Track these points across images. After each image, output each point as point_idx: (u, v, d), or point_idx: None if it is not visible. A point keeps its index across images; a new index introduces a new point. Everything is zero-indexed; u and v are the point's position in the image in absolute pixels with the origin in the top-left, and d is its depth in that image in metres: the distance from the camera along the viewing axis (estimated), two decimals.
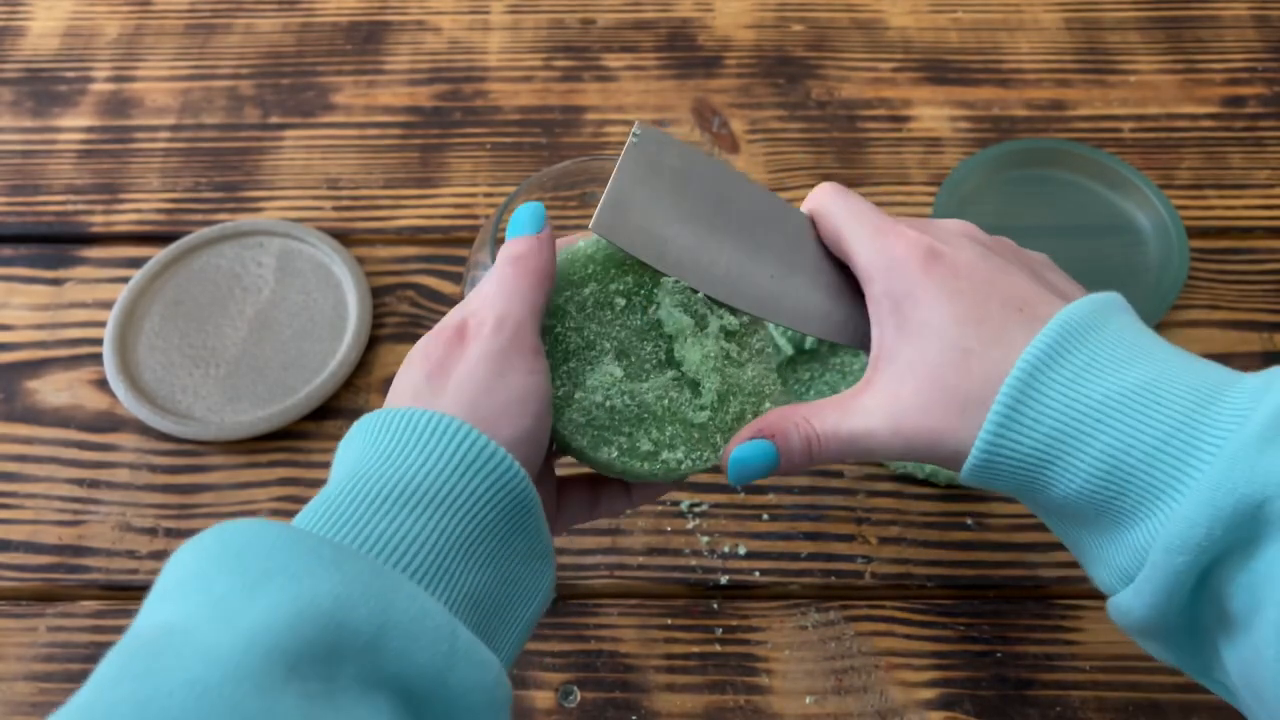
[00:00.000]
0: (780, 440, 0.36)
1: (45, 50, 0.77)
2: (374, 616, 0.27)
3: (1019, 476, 0.34)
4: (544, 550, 0.34)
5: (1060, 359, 0.33)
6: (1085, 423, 0.32)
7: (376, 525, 0.31)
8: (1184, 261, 0.61)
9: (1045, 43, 0.75)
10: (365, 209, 0.68)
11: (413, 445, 0.32)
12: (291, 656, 0.25)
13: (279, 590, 0.27)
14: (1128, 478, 0.32)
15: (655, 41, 0.76)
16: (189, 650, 0.25)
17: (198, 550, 0.29)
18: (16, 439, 0.59)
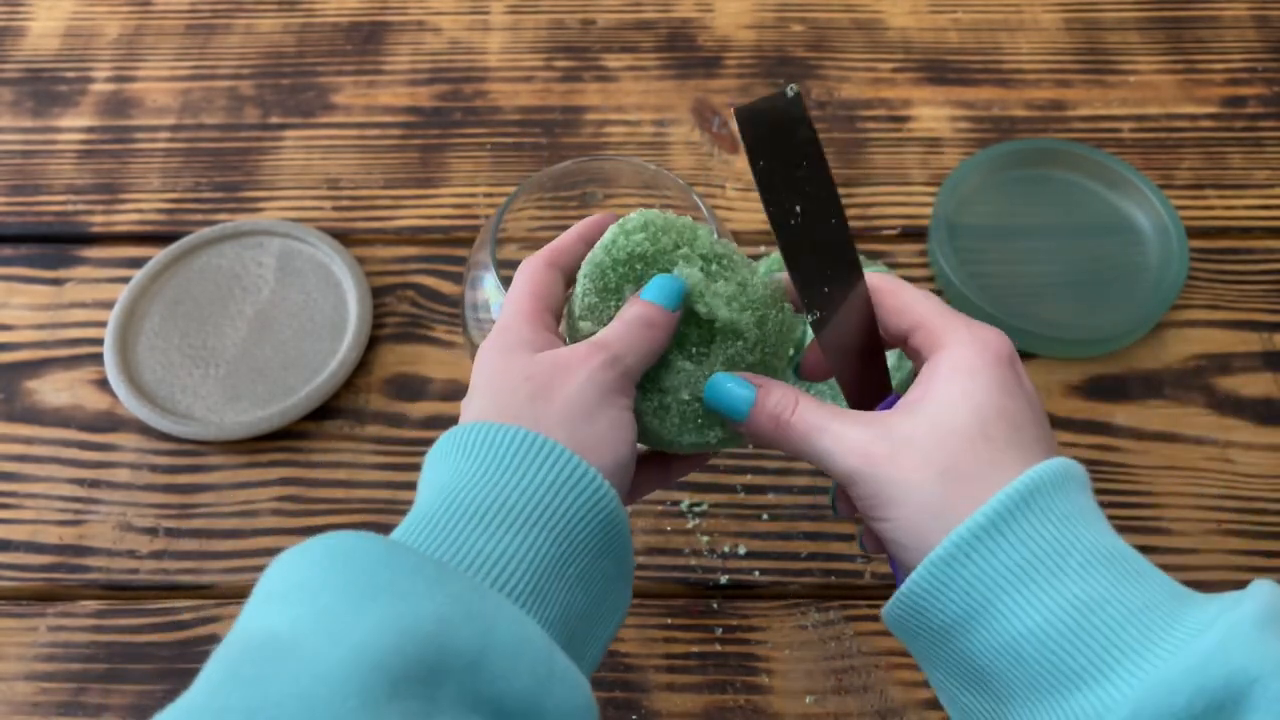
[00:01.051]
0: (762, 394, 0.37)
1: (46, 50, 0.77)
2: (476, 638, 0.28)
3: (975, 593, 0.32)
4: (628, 572, 0.35)
5: (1064, 492, 0.33)
6: (1068, 562, 0.31)
7: (475, 542, 0.31)
8: (1184, 261, 0.61)
9: (1045, 43, 0.75)
10: (365, 209, 0.68)
11: (511, 462, 0.33)
12: (395, 674, 0.26)
13: (385, 608, 0.27)
14: (1096, 630, 0.30)
15: (655, 42, 0.76)
16: (296, 661, 0.25)
17: (304, 558, 0.29)
18: (17, 439, 0.59)
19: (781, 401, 0.36)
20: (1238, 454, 0.57)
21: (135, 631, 0.52)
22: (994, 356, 0.36)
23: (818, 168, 0.39)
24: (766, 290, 0.39)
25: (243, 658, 0.26)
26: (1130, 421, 0.58)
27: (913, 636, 0.35)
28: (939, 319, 0.37)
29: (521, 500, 0.32)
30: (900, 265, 0.64)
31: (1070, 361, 0.60)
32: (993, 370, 0.35)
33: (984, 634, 0.32)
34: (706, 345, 0.39)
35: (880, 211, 0.67)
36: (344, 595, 0.27)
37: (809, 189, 0.39)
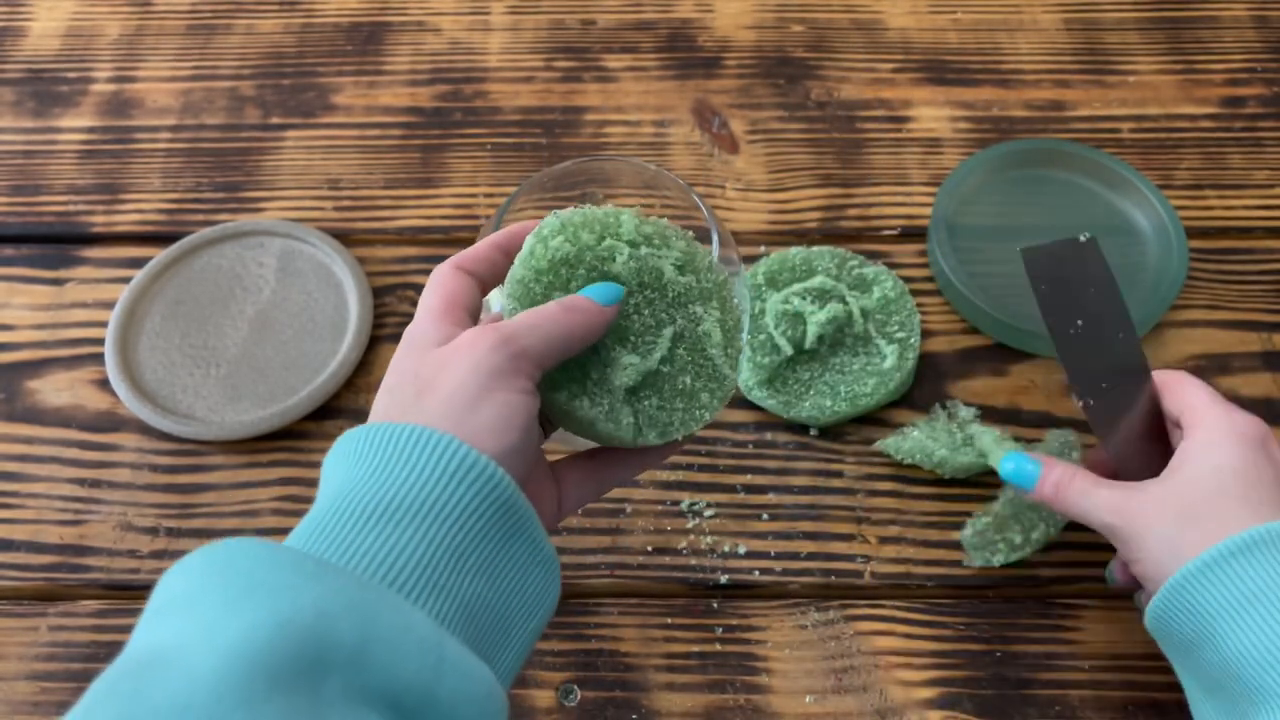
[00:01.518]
0: (1045, 470, 0.46)
1: (46, 50, 0.77)
2: (357, 629, 0.27)
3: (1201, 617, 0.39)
4: (544, 558, 0.34)
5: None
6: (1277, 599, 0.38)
7: (363, 541, 0.31)
8: (1183, 261, 0.61)
9: (1045, 43, 0.75)
10: (366, 209, 0.68)
11: (397, 460, 0.32)
12: (274, 671, 0.25)
13: (259, 605, 0.27)
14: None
15: (655, 42, 0.76)
16: (173, 669, 0.25)
17: (185, 571, 0.29)
18: (18, 439, 0.59)
19: (1063, 475, 0.45)
20: None
21: None
22: (1241, 435, 0.43)
23: (1107, 293, 0.49)
24: (709, 259, 0.40)
25: (121, 673, 0.26)
26: None
27: (1165, 645, 0.43)
28: (1205, 406, 0.44)
29: (410, 495, 0.31)
30: (900, 265, 0.64)
31: None
32: (1238, 445, 0.42)
33: (1210, 653, 0.39)
34: (654, 335, 0.38)
35: (880, 211, 0.67)
36: (221, 599, 0.27)
37: (1093, 309, 0.48)
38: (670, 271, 0.39)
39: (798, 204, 0.67)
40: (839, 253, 0.61)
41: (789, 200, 0.67)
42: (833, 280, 0.60)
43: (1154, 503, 0.42)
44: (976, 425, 0.55)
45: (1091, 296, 0.48)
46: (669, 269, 0.39)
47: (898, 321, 0.59)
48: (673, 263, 0.39)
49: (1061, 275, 0.48)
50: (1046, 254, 0.49)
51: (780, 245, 0.65)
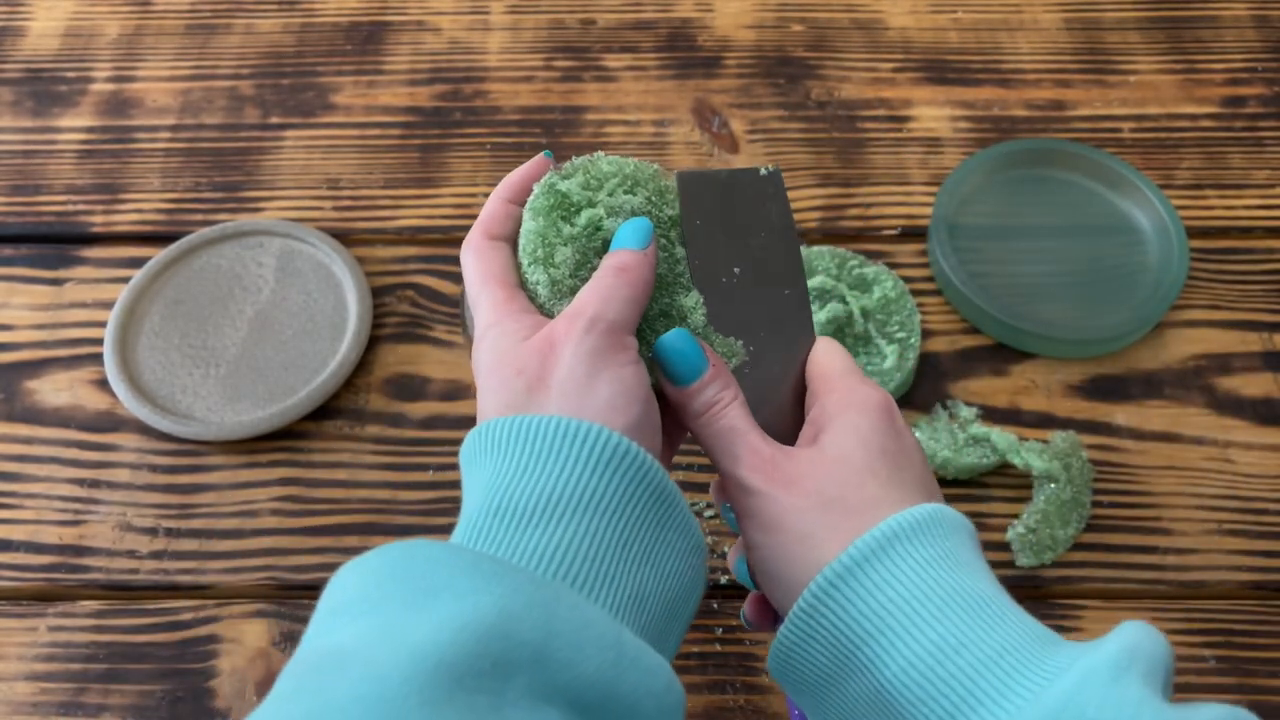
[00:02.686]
0: (713, 373, 0.37)
1: (45, 50, 0.77)
2: (539, 628, 0.27)
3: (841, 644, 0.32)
4: (696, 543, 0.34)
5: (936, 535, 0.33)
6: (930, 604, 0.32)
7: (529, 539, 0.30)
8: (1184, 261, 0.61)
9: (1045, 43, 0.75)
10: (365, 209, 0.68)
11: (545, 452, 0.32)
12: (458, 670, 0.25)
13: (444, 606, 0.27)
14: (950, 678, 0.30)
15: (655, 41, 0.76)
16: (357, 668, 0.25)
17: (363, 571, 0.29)
18: (17, 439, 0.59)
19: (724, 392, 0.37)
20: (1238, 454, 0.57)
21: (135, 631, 0.52)
22: (878, 406, 0.37)
23: (781, 240, 0.40)
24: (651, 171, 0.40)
25: (306, 670, 0.26)
26: (1130, 421, 0.58)
27: (797, 692, 0.36)
28: (839, 374, 0.38)
29: (566, 488, 0.31)
30: (900, 265, 0.64)
31: (1070, 361, 0.60)
32: (875, 416, 0.36)
33: (854, 684, 0.33)
34: (672, 264, 0.39)
35: (880, 211, 0.67)
36: (403, 600, 0.27)
37: (759, 255, 0.40)
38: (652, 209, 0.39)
39: (798, 204, 0.67)
40: (839, 252, 0.61)
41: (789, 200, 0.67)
42: (833, 280, 0.59)
43: (804, 480, 0.35)
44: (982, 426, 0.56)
45: (760, 241, 0.40)
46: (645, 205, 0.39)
47: (898, 321, 0.59)
48: (646, 199, 0.39)
49: (726, 211, 0.40)
50: (711, 182, 0.39)
51: None
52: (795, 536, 0.34)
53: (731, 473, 0.36)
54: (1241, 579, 0.53)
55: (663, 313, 0.39)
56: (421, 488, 0.57)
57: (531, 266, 0.37)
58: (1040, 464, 0.53)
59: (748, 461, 0.36)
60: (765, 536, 0.35)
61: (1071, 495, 0.53)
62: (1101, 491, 0.55)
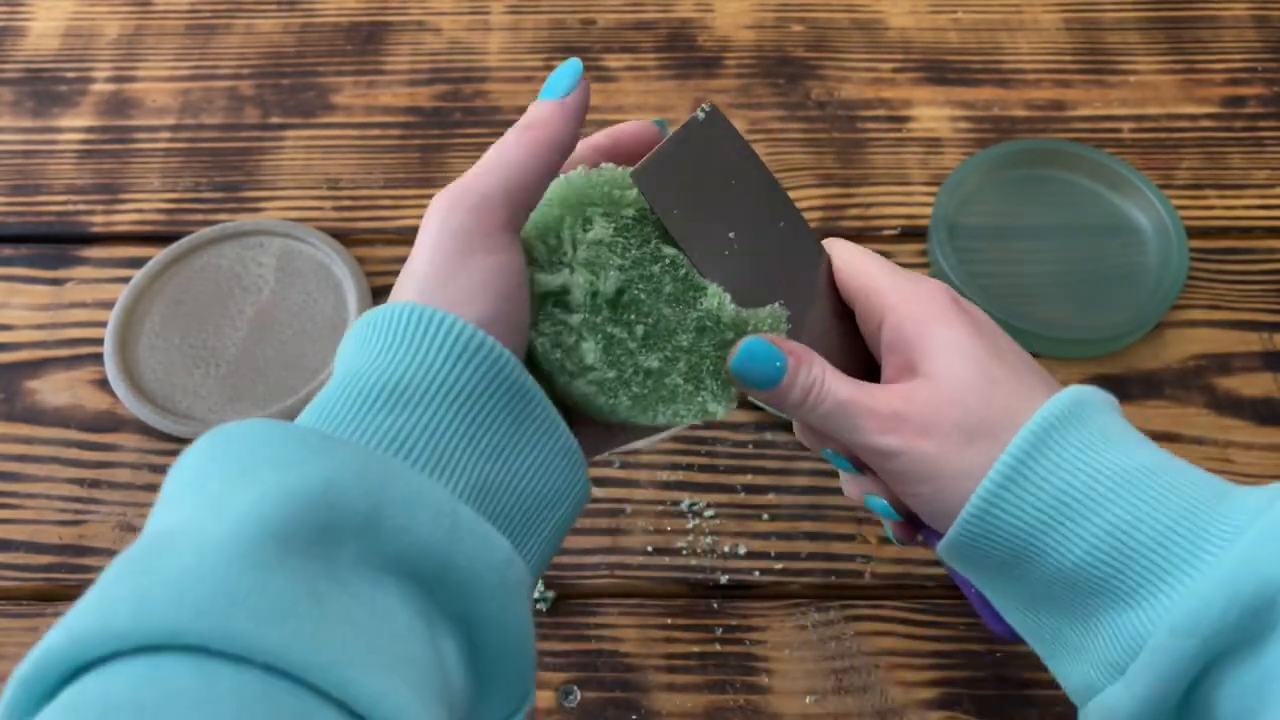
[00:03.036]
0: (793, 362, 0.35)
1: (45, 50, 0.77)
2: (368, 496, 0.27)
3: (1015, 540, 0.33)
4: (564, 446, 0.32)
5: (1076, 422, 0.33)
6: (1096, 490, 0.32)
7: (370, 421, 0.30)
8: (1184, 261, 0.61)
9: (1045, 43, 0.75)
10: (365, 209, 0.68)
11: (400, 340, 0.31)
12: (283, 536, 0.25)
13: (268, 477, 0.26)
14: (1134, 553, 0.31)
15: (655, 42, 0.76)
16: (183, 544, 0.25)
17: (193, 455, 0.28)
18: (17, 439, 0.59)
19: (814, 371, 0.35)
20: (1238, 454, 0.57)
21: None
22: (946, 305, 0.36)
23: (751, 176, 0.37)
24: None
25: (136, 555, 0.26)
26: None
27: (968, 569, 0.36)
28: (883, 281, 0.37)
29: (416, 376, 0.30)
30: (900, 265, 0.64)
31: (1070, 361, 0.60)
32: (953, 316, 0.35)
33: (1035, 570, 0.33)
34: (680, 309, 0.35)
35: (880, 211, 0.67)
36: (228, 476, 0.27)
37: (743, 207, 0.37)
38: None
39: (798, 204, 0.67)
40: None
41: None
42: None
43: (937, 420, 0.34)
44: None
45: (735, 190, 0.37)
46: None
47: None
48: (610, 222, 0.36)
49: (690, 180, 0.36)
50: (664, 165, 0.35)
51: None
52: (955, 477, 0.33)
53: (864, 444, 0.35)
54: None
55: (699, 328, 0.36)
56: None
57: None
58: None
59: (873, 427, 0.34)
60: (924, 486, 0.34)
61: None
62: None
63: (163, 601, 0.24)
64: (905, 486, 0.35)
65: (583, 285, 0.34)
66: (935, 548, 0.36)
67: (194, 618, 0.23)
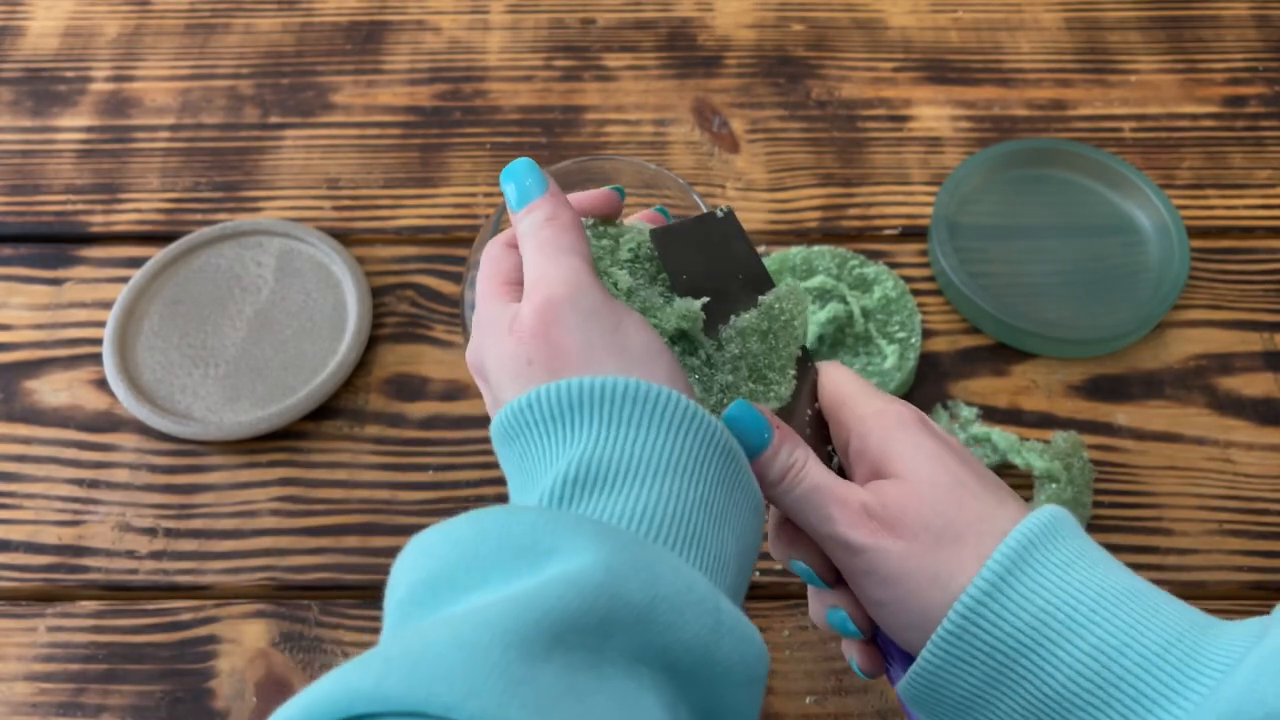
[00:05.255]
0: (779, 436, 0.35)
1: (45, 50, 0.77)
2: (645, 588, 0.27)
3: (994, 661, 0.31)
4: (757, 503, 0.33)
5: (1055, 540, 0.32)
6: (1079, 610, 0.31)
7: (616, 503, 0.30)
8: (1184, 261, 0.61)
9: (1045, 43, 0.75)
10: (365, 209, 0.68)
11: (614, 418, 0.31)
12: (561, 627, 0.25)
13: (554, 565, 0.27)
14: (1120, 679, 0.30)
15: (655, 41, 0.76)
16: (464, 617, 0.25)
17: (456, 540, 0.28)
18: (16, 439, 0.59)
19: (797, 452, 0.35)
20: (1238, 454, 0.57)
21: (134, 632, 0.52)
22: (916, 422, 0.36)
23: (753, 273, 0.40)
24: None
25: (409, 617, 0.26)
26: (1131, 421, 0.58)
27: (935, 716, 0.34)
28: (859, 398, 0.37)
29: (643, 451, 0.30)
30: (900, 265, 0.64)
31: (1070, 361, 0.60)
32: (924, 429, 0.36)
33: (1015, 696, 0.31)
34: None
35: (880, 211, 0.66)
36: (510, 563, 0.27)
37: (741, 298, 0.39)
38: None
39: (798, 203, 0.67)
40: (839, 252, 0.61)
41: (789, 200, 0.67)
42: (833, 280, 0.59)
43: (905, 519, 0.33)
44: (983, 426, 0.55)
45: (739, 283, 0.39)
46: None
47: (898, 321, 0.59)
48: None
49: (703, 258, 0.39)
50: (680, 237, 0.39)
51: (780, 245, 0.64)
52: (923, 581, 0.32)
53: (830, 534, 0.34)
54: (1242, 579, 0.53)
55: (741, 333, 0.38)
56: (421, 488, 0.56)
57: None
58: (1041, 464, 0.53)
59: (844, 519, 0.34)
60: (890, 590, 0.33)
61: (1072, 495, 0.53)
62: (1102, 492, 0.55)
63: (438, 673, 0.24)
64: (870, 591, 0.34)
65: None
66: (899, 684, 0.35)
67: (466, 696, 0.23)
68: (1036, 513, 0.33)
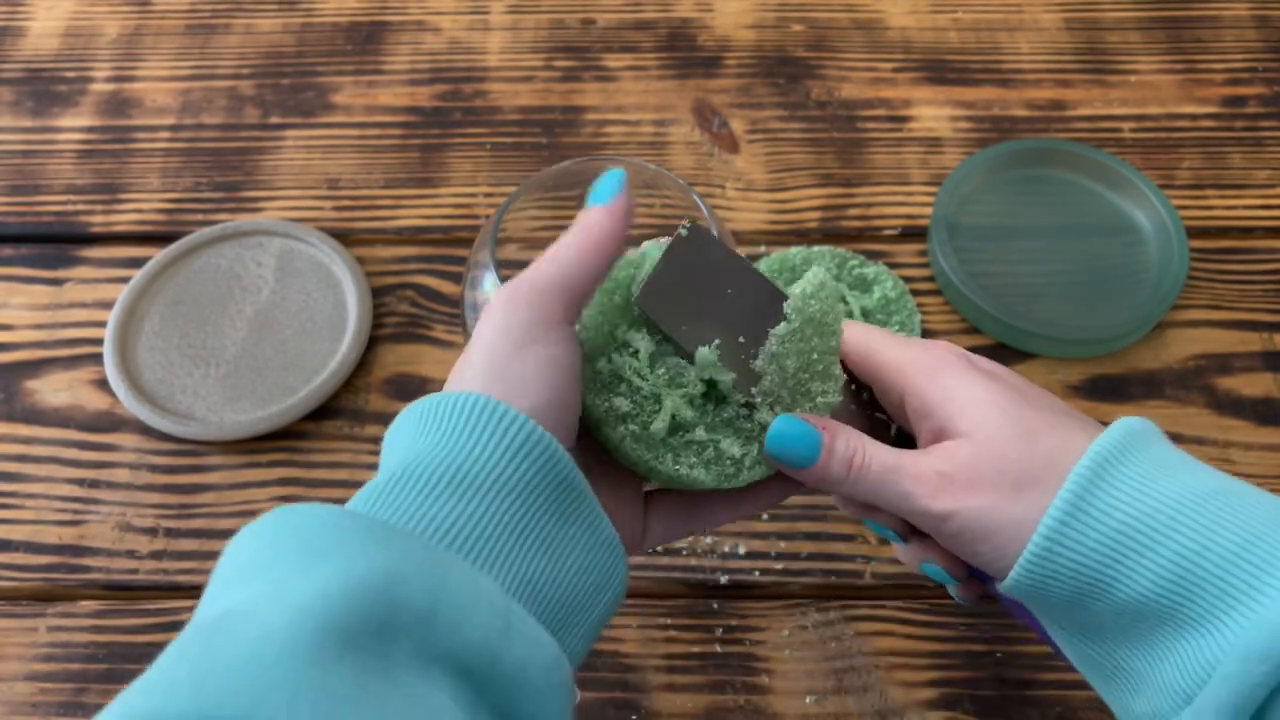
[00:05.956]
0: (828, 434, 0.35)
1: (45, 50, 0.77)
2: (427, 592, 0.27)
3: (1079, 578, 0.33)
4: (605, 540, 0.33)
5: (1130, 455, 0.33)
6: (1158, 520, 0.32)
7: (426, 509, 0.30)
8: (1184, 261, 0.61)
9: (1045, 43, 0.75)
10: (365, 209, 0.68)
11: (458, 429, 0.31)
12: (346, 632, 0.26)
13: (333, 567, 0.27)
14: (1201, 580, 0.31)
15: (655, 41, 0.76)
16: (245, 629, 0.25)
17: (254, 536, 0.29)
18: (17, 439, 0.59)
19: (851, 441, 0.35)
20: (1238, 454, 0.57)
21: (135, 632, 0.52)
22: (964, 361, 0.36)
23: (743, 280, 0.38)
24: None
25: (195, 634, 0.26)
26: None
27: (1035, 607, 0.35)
28: (895, 350, 0.37)
29: (471, 465, 0.31)
30: (900, 265, 0.64)
31: (1070, 361, 0.60)
32: (972, 371, 0.36)
33: (1101, 604, 0.33)
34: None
35: (880, 211, 0.67)
36: (293, 563, 0.27)
37: (741, 308, 0.38)
38: None
39: (798, 204, 0.67)
40: (839, 252, 0.61)
41: (789, 200, 0.67)
42: (833, 280, 0.59)
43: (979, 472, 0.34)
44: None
45: (729, 295, 0.37)
46: None
47: (898, 321, 0.59)
48: None
49: (688, 294, 0.37)
50: (663, 286, 0.37)
51: (780, 245, 0.65)
52: (1010, 529, 0.33)
53: (915, 509, 0.35)
54: None
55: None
56: None
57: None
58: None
59: (922, 492, 0.34)
60: (984, 544, 0.34)
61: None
62: None
63: (224, 687, 0.24)
64: (965, 547, 0.35)
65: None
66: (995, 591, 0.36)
67: (253, 705, 0.23)
68: (1107, 432, 0.34)
